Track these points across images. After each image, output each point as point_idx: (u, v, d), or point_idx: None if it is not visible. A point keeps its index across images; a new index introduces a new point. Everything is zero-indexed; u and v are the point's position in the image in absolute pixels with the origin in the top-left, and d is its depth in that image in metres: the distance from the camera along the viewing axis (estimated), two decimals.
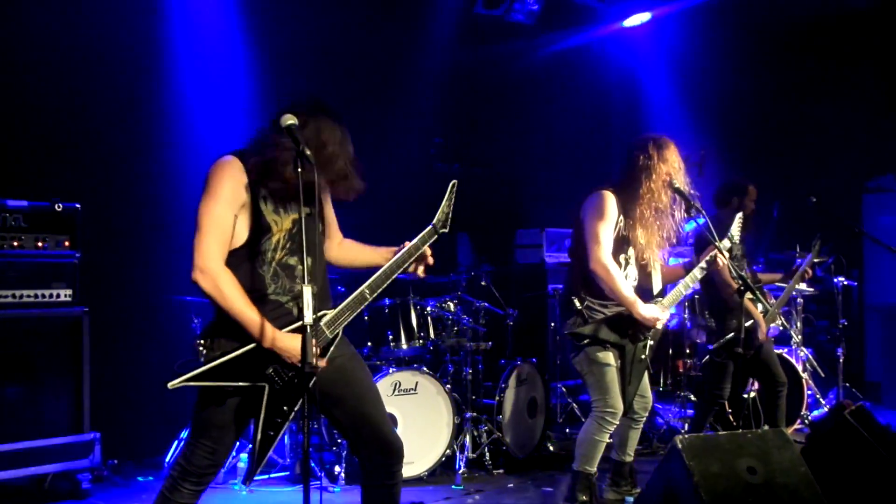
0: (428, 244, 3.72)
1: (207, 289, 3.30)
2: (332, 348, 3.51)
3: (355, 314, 3.54)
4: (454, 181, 3.81)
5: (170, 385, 3.24)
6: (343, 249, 3.89)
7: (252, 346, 3.30)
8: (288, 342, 3.32)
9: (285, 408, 3.37)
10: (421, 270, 3.76)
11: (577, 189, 5.23)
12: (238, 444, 4.21)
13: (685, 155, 5.11)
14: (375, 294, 3.59)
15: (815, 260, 6.54)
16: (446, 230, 3.78)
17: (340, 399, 3.55)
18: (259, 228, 3.39)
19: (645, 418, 5.29)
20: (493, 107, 9.04)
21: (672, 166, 4.95)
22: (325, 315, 3.47)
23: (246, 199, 3.37)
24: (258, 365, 3.33)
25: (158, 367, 6.40)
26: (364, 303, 3.55)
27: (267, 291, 3.39)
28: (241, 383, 3.31)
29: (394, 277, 3.64)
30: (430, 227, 3.75)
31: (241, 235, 3.37)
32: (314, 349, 3.18)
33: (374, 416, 3.59)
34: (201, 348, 3.33)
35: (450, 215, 3.77)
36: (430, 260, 3.75)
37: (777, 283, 6.98)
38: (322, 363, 3.37)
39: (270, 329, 3.30)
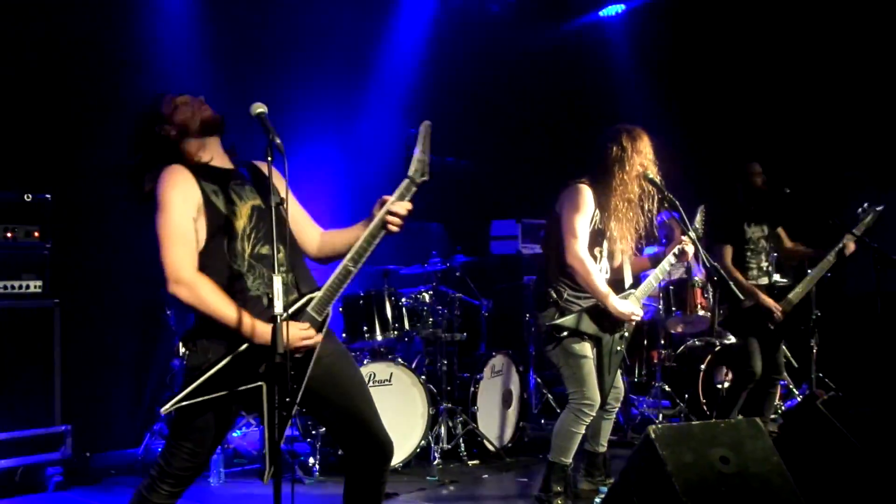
0: (407, 198, 3.41)
1: (187, 299, 3.18)
2: (318, 347, 3.35)
3: (342, 289, 3.38)
4: (427, 122, 3.42)
5: (163, 411, 3.14)
6: (324, 241, 3.69)
7: (241, 349, 3.19)
8: (269, 334, 3.17)
9: (286, 400, 3.21)
10: (394, 228, 3.40)
11: (552, 180, 5.21)
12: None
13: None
14: (359, 264, 3.37)
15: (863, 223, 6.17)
16: (426, 178, 3.44)
17: (329, 400, 3.45)
18: (218, 223, 3.28)
19: (617, 409, 5.30)
20: (467, 97, 9.02)
21: (646, 157, 4.93)
22: (312, 298, 3.34)
23: (199, 200, 3.26)
24: (251, 365, 3.21)
25: (130, 359, 6.38)
26: (350, 276, 3.36)
27: (246, 286, 3.28)
28: (238, 388, 3.19)
29: (376, 243, 3.38)
30: (405, 180, 3.42)
31: (203, 236, 3.26)
32: (308, 331, 3.17)
33: (364, 415, 3.50)
34: (187, 354, 3.25)
35: (427, 162, 3.41)
36: (405, 210, 3.42)
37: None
38: (318, 338, 3.29)
39: (260, 325, 3.18)
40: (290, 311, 3.23)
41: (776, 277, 6.30)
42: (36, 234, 5.62)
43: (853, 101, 9.06)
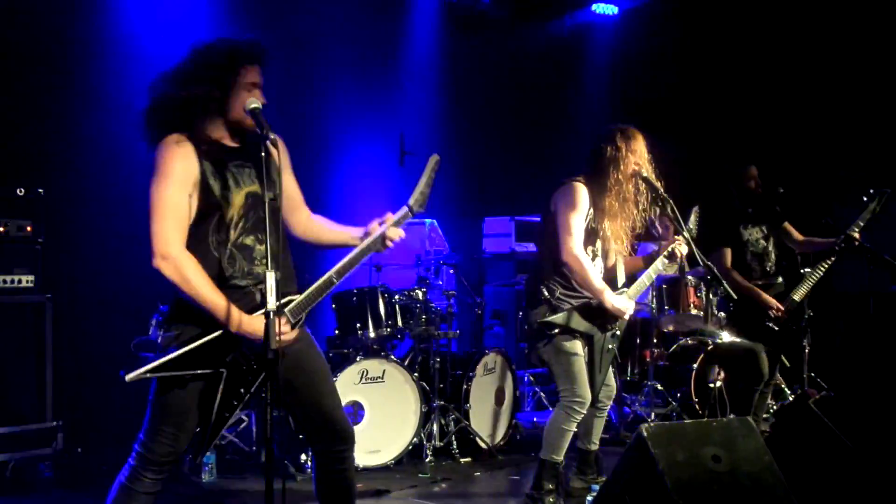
0: (401, 225, 3.57)
1: (170, 276, 3.18)
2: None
3: (320, 299, 3.45)
4: (436, 156, 3.60)
5: (128, 378, 3.13)
6: (310, 225, 3.72)
7: (216, 334, 3.22)
8: (255, 326, 3.22)
9: (241, 390, 3.30)
10: (385, 248, 3.57)
11: (546, 178, 5.21)
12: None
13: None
14: (343, 277, 3.46)
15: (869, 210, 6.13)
16: (423, 209, 3.62)
17: (295, 386, 3.47)
18: (209, 206, 3.27)
19: (609, 406, 5.31)
20: (461, 94, 9.02)
21: (640, 156, 4.94)
22: (292, 301, 3.38)
23: (197, 177, 3.25)
24: (219, 352, 3.25)
25: (123, 354, 6.36)
26: (332, 287, 3.44)
27: (226, 275, 3.29)
28: (200, 371, 3.22)
29: (361, 261, 3.50)
30: (404, 207, 3.59)
31: (192, 214, 3.27)
32: (281, 332, 3.13)
33: (327, 404, 3.54)
34: (164, 335, 3.27)
35: (428, 195, 3.60)
36: (398, 237, 3.58)
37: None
38: (294, 335, 3.34)
39: (237, 313, 3.21)
40: (265, 311, 3.22)
41: (780, 280, 6.29)
42: (28, 228, 5.60)
43: (847, 100, 9.07)
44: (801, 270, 6.59)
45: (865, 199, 6.21)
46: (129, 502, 3.33)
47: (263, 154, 3.15)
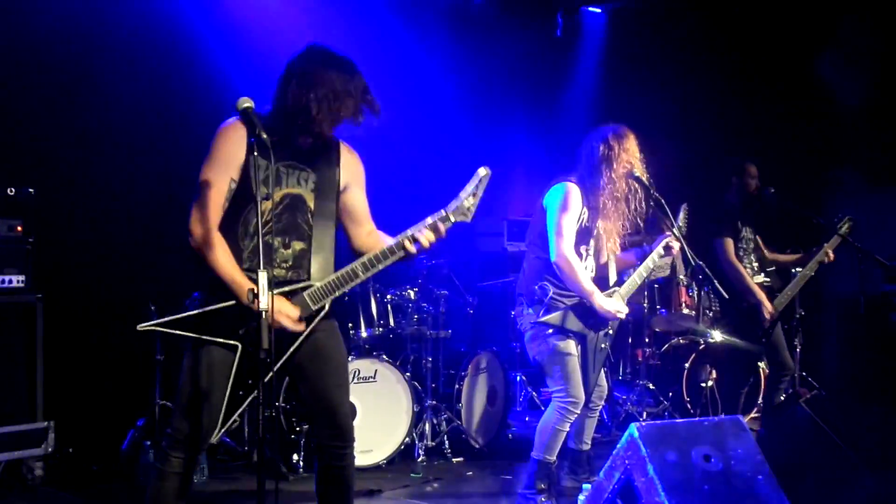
0: (441, 228, 3.54)
1: (201, 249, 3.33)
2: (315, 322, 3.45)
3: (345, 290, 3.48)
4: (485, 170, 3.58)
5: (140, 327, 3.26)
6: (368, 240, 3.73)
7: (231, 302, 3.31)
8: (276, 304, 3.30)
9: (249, 381, 3.35)
10: (414, 248, 3.52)
11: (538, 178, 5.22)
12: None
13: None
14: (369, 272, 3.49)
15: (841, 235, 6.22)
16: (466, 219, 3.58)
17: (309, 375, 3.52)
18: (245, 197, 3.38)
19: (601, 406, 5.32)
20: (453, 93, 9.00)
21: (632, 156, 4.95)
22: (310, 286, 3.43)
23: (240, 163, 3.37)
24: (232, 323, 3.32)
25: (114, 354, 6.34)
26: (356, 279, 3.47)
27: (243, 267, 3.37)
28: (214, 338, 3.32)
29: (393, 259, 3.48)
30: (442, 212, 3.56)
31: (229, 200, 3.40)
32: (293, 312, 3.30)
33: (335, 398, 3.56)
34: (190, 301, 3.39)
35: (474, 206, 3.57)
36: (427, 242, 3.54)
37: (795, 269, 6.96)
38: (300, 326, 3.39)
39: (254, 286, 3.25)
40: (285, 289, 3.40)
41: (763, 277, 6.31)
42: (19, 228, 5.57)
43: (839, 99, 9.09)
44: (792, 270, 6.61)
45: (836, 220, 6.28)
46: (160, 483, 3.40)
47: (256, 153, 3.17)
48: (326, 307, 3.47)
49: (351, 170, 3.62)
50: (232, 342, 3.33)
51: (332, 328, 3.60)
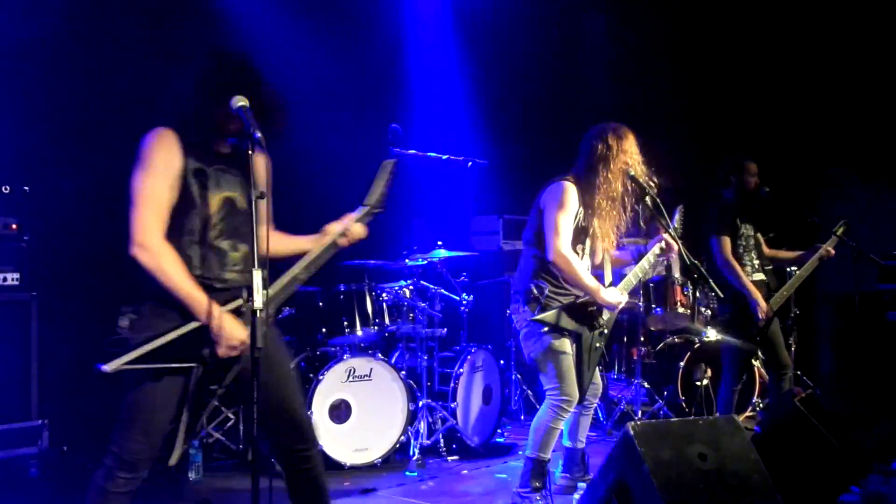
0: (363, 223, 3.60)
1: (149, 265, 3.22)
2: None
3: (287, 296, 3.47)
4: (391, 160, 3.62)
5: (106, 368, 3.13)
6: (272, 239, 3.62)
7: (193, 325, 3.21)
8: (229, 325, 3.24)
9: (213, 387, 3.32)
10: (345, 241, 3.59)
11: (534, 176, 5.21)
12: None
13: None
14: (310, 273, 3.48)
15: (839, 236, 6.27)
16: (382, 210, 3.62)
17: (263, 384, 3.39)
18: (187, 204, 3.31)
19: (595, 405, 5.32)
20: (449, 92, 9.01)
21: (630, 156, 4.94)
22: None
23: (178, 171, 3.29)
24: (192, 344, 3.23)
25: (108, 352, 6.33)
26: (299, 283, 3.47)
27: (196, 274, 3.30)
28: (175, 364, 3.21)
29: (328, 257, 3.51)
30: (364, 207, 3.60)
31: (171, 209, 3.30)
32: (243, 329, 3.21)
33: (292, 402, 3.53)
34: (127, 323, 3.26)
35: (386, 195, 3.60)
36: (358, 235, 3.61)
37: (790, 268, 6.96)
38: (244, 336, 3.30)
39: (217, 309, 3.22)
40: (233, 305, 3.31)
41: (761, 276, 6.31)
42: (14, 226, 5.58)
43: (834, 98, 9.10)
44: (787, 269, 6.61)
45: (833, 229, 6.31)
46: (104, 503, 3.31)
47: (251, 152, 3.14)
48: (270, 315, 3.41)
49: (260, 170, 3.53)
50: (191, 365, 3.25)
51: (275, 335, 3.56)
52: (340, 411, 6.07)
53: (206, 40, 6.90)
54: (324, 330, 6.45)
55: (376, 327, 6.45)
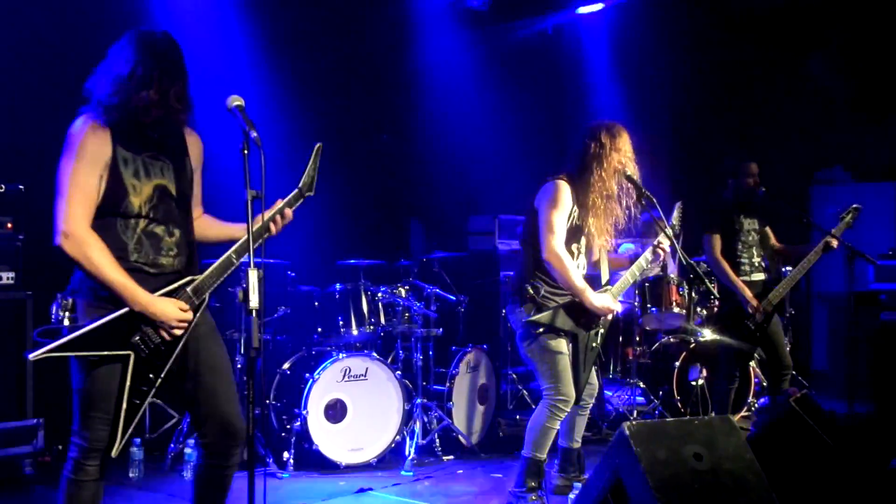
0: (293, 208, 3.57)
1: (73, 254, 3.23)
2: (197, 316, 3.39)
3: (222, 279, 3.45)
4: (319, 144, 3.62)
5: (31, 357, 3.13)
6: (199, 222, 3.72)
7: (121, 312, 3.22)
8: (162, 306, 3.25)
9: (151, 375, 3.30)
10: (274, 229, 3.55)
11: (530, 176, 5.21)
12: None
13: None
14: (241, 258, 3.44)
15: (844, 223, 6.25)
16: (312, 193, 3.61)
17: (194, 372, 3.45)
18: (118, 192, 3.30)
19: (591, 405, 5.32)
20: (446, 92, 9.00)
21: (624, 154, 4.94)
22: (193, 281, 3.39)
23: (108, 160, 3.29)
24: (123, 333, 3.24)
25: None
26: (231, 268, 3.44)
27: (131, 259, 3.31)
28: (105, 352, 3.21)
29: (260, 242, 3.46)
30: (296, 190, 3.59)
31: (99, 197, 3.30)
32: (186, 312, 3.27)
33: (224, 395, 3.49)
34: (63, 312, 3.27)
35: (315, 178, 3.60)
36: (288, 218, 3.59)
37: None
38: (189, 315, 3.33)
39: (143, 294, 3.22)
40: (169, 288, 3.32)
41: (762, 277, 6.30)
42: (9, 225, 5.56)
43: (829, 98, 9.13)
44: (783, 269, 6.61)
45: (840, 211, 6.30)
46: (79, 493, 3.34)
47: (246, 151, 3.14)
48: (206, 300, 3.43)
49: (194, 153, 3.56)
50: (123, 353, 3.24)
51: (209, 322, 3.55)
52: (336, 411, 6.07)
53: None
54: (319, 329, 6.45)
55: (372, 327, 6.44)
